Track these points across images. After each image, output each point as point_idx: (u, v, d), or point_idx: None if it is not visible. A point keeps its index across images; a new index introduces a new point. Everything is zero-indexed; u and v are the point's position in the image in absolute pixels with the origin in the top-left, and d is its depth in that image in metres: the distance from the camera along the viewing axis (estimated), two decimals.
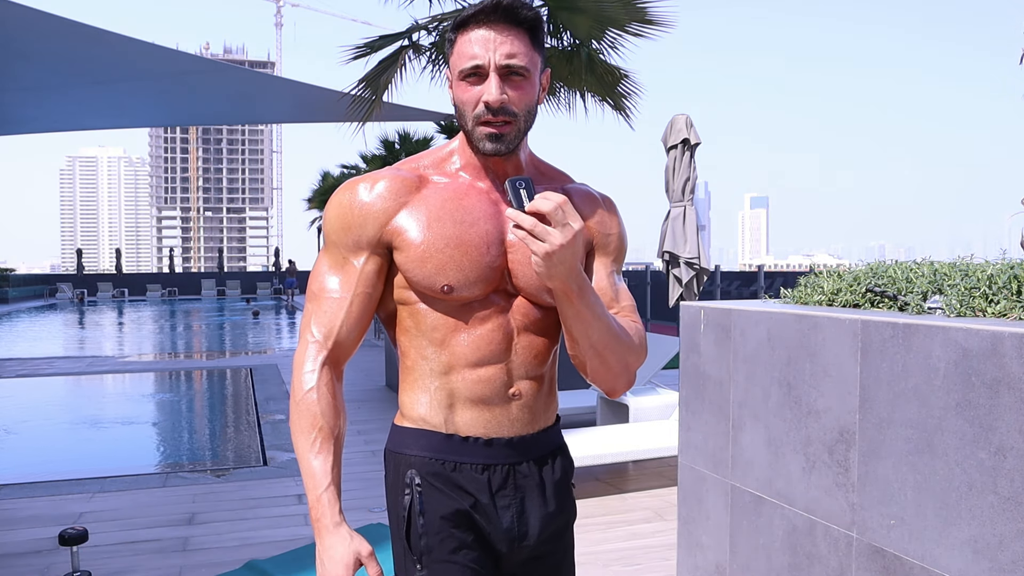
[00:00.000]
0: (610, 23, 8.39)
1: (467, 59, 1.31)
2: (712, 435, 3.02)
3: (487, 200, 1.40)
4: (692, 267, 6.50)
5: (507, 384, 1.39)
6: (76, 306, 30.69)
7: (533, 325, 1.41)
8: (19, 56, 11.36)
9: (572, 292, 1.27)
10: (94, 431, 7.72)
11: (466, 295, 1.36)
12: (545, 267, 1.22)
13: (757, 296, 17.14)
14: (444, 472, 1.39)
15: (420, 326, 1.39)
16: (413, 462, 1.40)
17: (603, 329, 1.34)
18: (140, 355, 14.33)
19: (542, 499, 1.45)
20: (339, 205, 1.39)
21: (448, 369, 1.38)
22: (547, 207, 1.20)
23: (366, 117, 9.10)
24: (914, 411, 2.09)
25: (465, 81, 1.32)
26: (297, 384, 1.38)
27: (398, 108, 13.19)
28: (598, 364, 1.38)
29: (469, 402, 1.38)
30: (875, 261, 2.88)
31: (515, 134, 1.34)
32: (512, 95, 1.32)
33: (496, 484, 1.40)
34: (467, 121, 1.34)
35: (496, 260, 1.37)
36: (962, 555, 1.95)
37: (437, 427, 1.39)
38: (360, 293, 1.39)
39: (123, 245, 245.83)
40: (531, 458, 1.44)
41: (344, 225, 1.38)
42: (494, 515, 1.40)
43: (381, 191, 1.37)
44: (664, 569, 3.70)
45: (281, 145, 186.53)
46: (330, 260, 1.40)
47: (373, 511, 4.60)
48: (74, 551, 3.37)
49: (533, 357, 1.41)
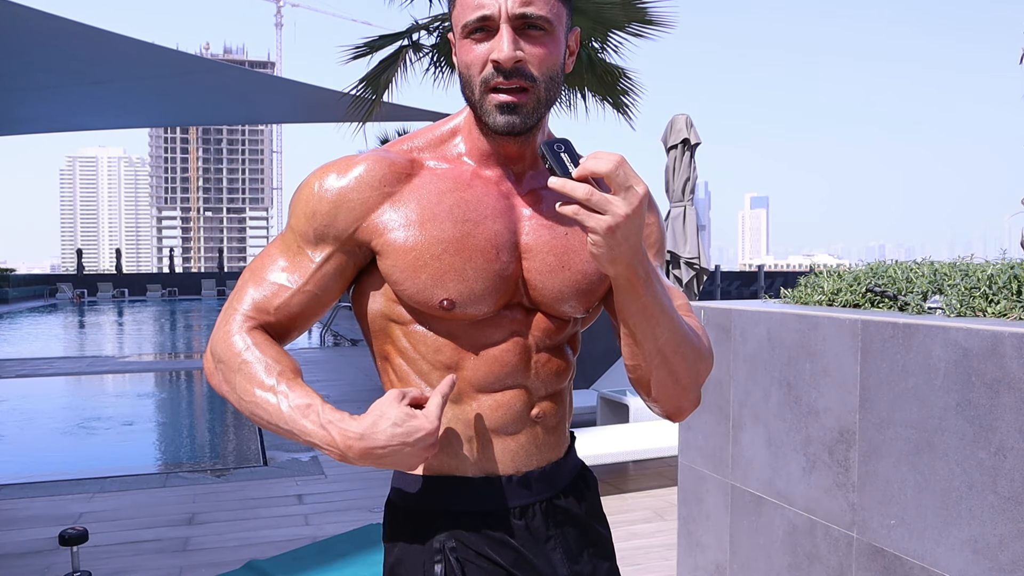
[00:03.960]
0: (610, 23, 8.40)
1: (472, 9, 1.03)
2: (712, 435, 3.02)
3: (496, 192, 1.13)
4: (692, 267, 6.51)
5: (528, 406, 1.15)
6: (75, 306, 30.69)
7: (552, 340, 1.17)
8: (19, 56, 11.37)
9: (638, 279, 1.00)
10: (94, 431, 7.72)
11: (472, 312, 1.09)
12: (607, 247, 0.94)
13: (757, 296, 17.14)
14: (480, 527, 1.13)
15: (419, 348, 1.12)
16: (442, 521, 1.13)
17: (672, 327, 1.07)
18: (140, 355, 14.33)
19: (583, 528, 1.23)
20: (307, 187, 1.11)
21: (459, 397, 1.12)
22: (605, 167, 0.92)
23: (366, 117, 9.10)
24: (914, 411, 2.09)
25: (470, 39, 1.05)
26: (228, 352, 1.10)
27: (398, 108, 13.20)
28: (666, 375, 1.10)
29: (492, 432, 1.13)
30: (875, 261, 2.88)
31: (534, 105, 1.06)
32: (530, 52, 1.04)
33: (535, 525, 1.16)
34: (473, 88, 1.06)
35: (508, 268, 1.11)
36: (962, 555, 1.96)
37: (459, 471, 1.13)
38: (307, 291, 1.12)
39: (123, 245, 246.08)
40: (564, 486, 1.21)
41: (309, 211, 1.10)
42: (541, 561, 1.15)
43: (361, 175, 1.09)
44: (664, 569, 3.70)
45: (281, 145, 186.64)
46: (283, 246, 1.14)
47: (373, 511, 4.60)
48: (74, 551, 3.37)
49: (554, 374, 1.17)
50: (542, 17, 1.03)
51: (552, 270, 1.13)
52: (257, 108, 19.00)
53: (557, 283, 1.13)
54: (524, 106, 1.05)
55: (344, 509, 4.65)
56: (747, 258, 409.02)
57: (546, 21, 1.04)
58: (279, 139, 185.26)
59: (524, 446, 1.15)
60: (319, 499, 4.86)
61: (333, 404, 1.09)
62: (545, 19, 1.04)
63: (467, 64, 1.06)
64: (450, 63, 9.04)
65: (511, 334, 1.13)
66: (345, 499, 4.86)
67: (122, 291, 37.15)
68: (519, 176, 1.15)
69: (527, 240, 1.13)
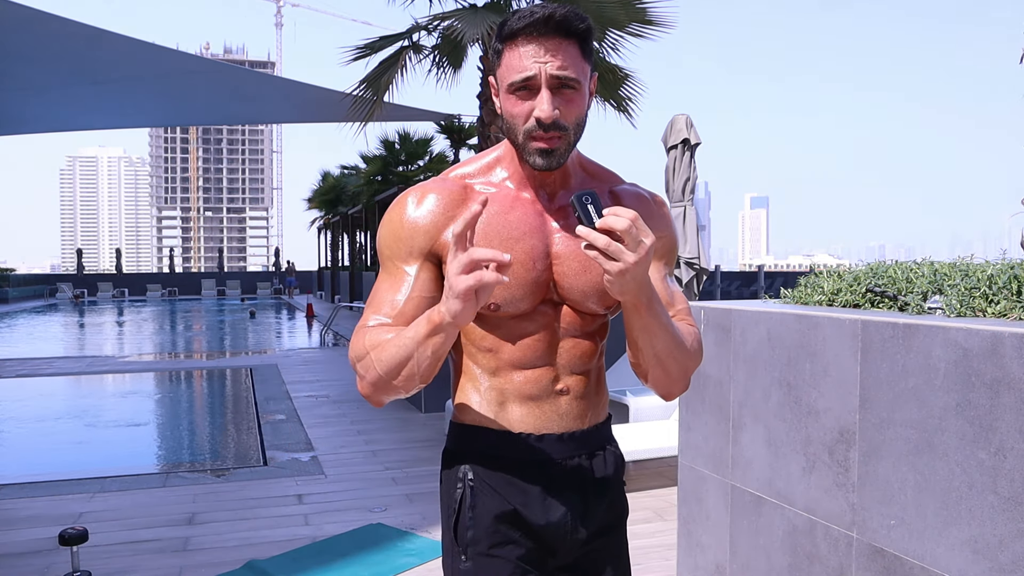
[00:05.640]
0: (610, 23, 8.40)
1: (517, 72, 1.28)
2: (712, 435, 3.02)
3: (532, 212, 1.39)
4: (692, 267, 6.51)
5: (555, 381, 1.41)
6: (75, 306, 30.69)
7: (578, 329, 1.42)
8: (19, 56, 11.37)
9: (642, 305, 1.27)
10: (94, 431, 7.72)
11: (512, 311, 1.37)
12: (618, 284, 1.19)
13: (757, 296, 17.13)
14: (496, 468, 1.41)
15: (468, 336, 1.41)
16: (467, 457, 1.43)
17: (667, 338, 1.34)
18: (140, 355, 14.33)
19: (595, 494, 1.46)
20: (390, 222, 1.40)
21: (496, 371, 1.40)
22: (621, 225, 1.15)
23: (368, 117, 9.10)
24: (914, 411, 2.09)
25: (515, 95, 1.30)
26: (360, 350, 1.33)
27: (398, 108, 13.20)
28: (660, 372, 1.38)
29: (519, 399, 1.40)
30: (875, 261, 2.88)
31: (565, 147, 1.32)
32: (564, 109, 1.29)
33: (548, 479, 1.41)
34: (517, 135, 1.33)
35: (542, 275, 1.37)
36: (962, 555, 1.95)
37: (489, 424, 1.41)
38: (415, 297, 1.37)
39: (123, 245, 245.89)
40: (583, 452, 1.45)
41: (395, 238, 1.38)
42: (546, 511, 1.41)
43: (430, 206, 1.37)
44: (664, 569, 3.70)
45: (281, 145, 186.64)
46: (384, 274, 1.41)
47: (374, 511, 4.60)
48: (74, 551, 3.37)
49: (579, 357, 1.43)
50: (574, 79, 1.29)
51: (576, 273, 1.38)
52: (257, 108, 19.00)
53: (581, 283, 1.39)
54: (558, 150, 1.32)
55: (344, 509, 4.65)
56: (747, 258, 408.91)
57: (576, 82, 1.29)
58: (279, 139, 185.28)
59: (546, 412, 1.41)
60: (319, 499, 4.86)
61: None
62: (576, 80, 1.29)
63: (512, 115, 1.32)
64: (451, 63, 9.03)
65: (543, 326, 1.40)
66: (345, 499, 4.86)
67: (122, 291, 37.17)
68: (551, 195, 1.42)
69: (557, 249, 1.39)
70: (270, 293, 39.11)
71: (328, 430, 6.83)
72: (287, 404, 8.12)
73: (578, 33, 1.29)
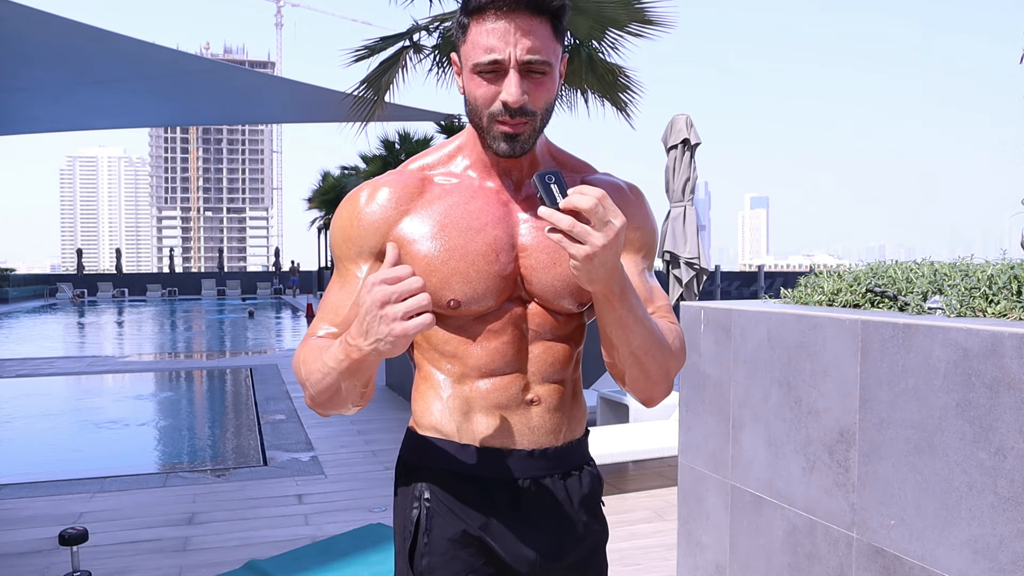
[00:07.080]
0: (610, 23, 8.40)
1: (483, 52, 1.17)
2: (712, 435, 3.02)
3: (496, 201, 1.28)
4: (692, 267, 6.51)
5: (524, 389, 1.29)
6: (75, 306, 30.69)
7: (550, 332, 1.30)
8: (19, 56, 11.37)
9: (614, 295, 1.15)
10: (94, 431, 7.72)
11: (475, 309, 1.25)
12: (585, 270, 1.08)
13: (757, 296, 17.13)
14: (457, 486, 1.28)
15: (430, 340, 1.29)
16: (424, 474, 1.30)
17: (644, 334, 1.21)
18: (140, 355, 14.33)
19: (568, 518, 1.32)
20: (339, 218, 1.30)
21: (461, 377, 1.28)
22: (586, 203, 1.04)
23: (368, 117, 9.11)
24: (914, 411, 2.09)
25: (480, 76, 1.19)
26: (296, 364, 1.28)
27: (399, 108, 13.18)
28: (638, 373, 1.25)
29: (485, 409, 1.27)
30: (875, 261, 2.88)
31: (531, 133, 1.22)
32: (532, 93, 1.19)
33: (515, 501, 1.28)
34: (481, 118, 1.21)
35: (507, 268, 1.26)
36: (962, 555, 1.96)
37: (450, 435, 1.29)
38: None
39: (123, 245, 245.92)
40: (556, 472, 1.31)
41: (345, 237, 1.29)
42: (512, 535, 1.28)
43: (381, 200, 1.27)
44: (664, 569, 3.70)
45: (281, 145, 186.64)
46: (336, 276, 1.32)
47: (374, 511, 4.60)
48: (74, 551, 3.37)
49: (551, 363, 1.30)
50: (544, 61, 1.18)
51: (545, 267, 1.27)
52: (257, 108, 19.01)
53: (550, 278, 1.27)
54: (523, 134, 1.21)
55: (344, 509, 4.65)
56: (747, 258, 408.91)
57: (547, 64, 1.19)
58: (279, 139, 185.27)
59: (515, 425, 1.28)
60: (319, 499, 4.86)
61: None
62: (547, 63, 1.18)
63: (476, 97, 1.21)
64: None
65: (510, 325, 1.28)
66: (345, 499, 4.86)
67: (122, 291, 37.15)
68: (517, 184, 1.31)
69: (523, 240, 1.28)
70: (270, 293, 39.09)
71: (328, 430, 6.83)
72: (287, 404, 8.12)
73: (551, 10, 1.18)
